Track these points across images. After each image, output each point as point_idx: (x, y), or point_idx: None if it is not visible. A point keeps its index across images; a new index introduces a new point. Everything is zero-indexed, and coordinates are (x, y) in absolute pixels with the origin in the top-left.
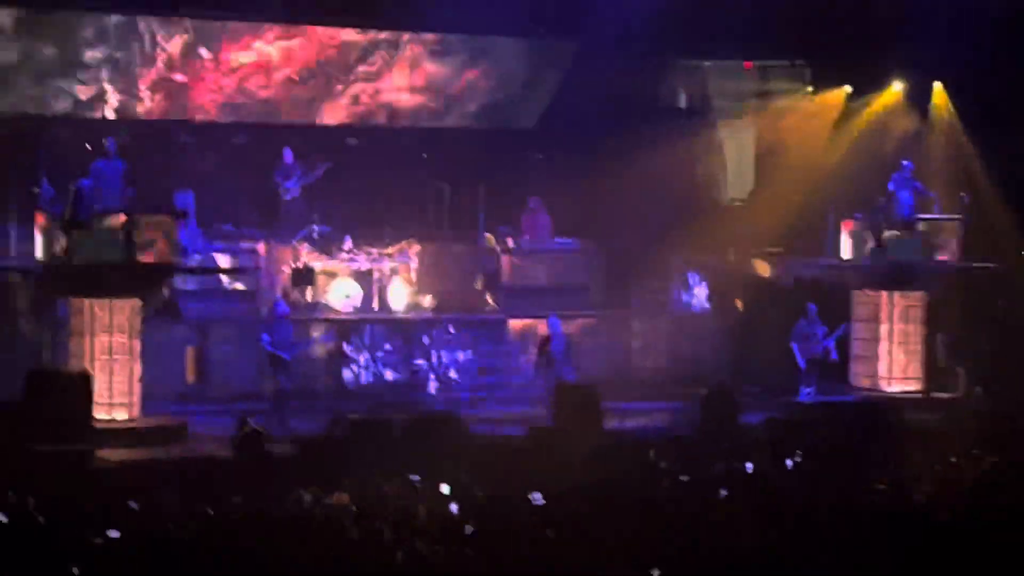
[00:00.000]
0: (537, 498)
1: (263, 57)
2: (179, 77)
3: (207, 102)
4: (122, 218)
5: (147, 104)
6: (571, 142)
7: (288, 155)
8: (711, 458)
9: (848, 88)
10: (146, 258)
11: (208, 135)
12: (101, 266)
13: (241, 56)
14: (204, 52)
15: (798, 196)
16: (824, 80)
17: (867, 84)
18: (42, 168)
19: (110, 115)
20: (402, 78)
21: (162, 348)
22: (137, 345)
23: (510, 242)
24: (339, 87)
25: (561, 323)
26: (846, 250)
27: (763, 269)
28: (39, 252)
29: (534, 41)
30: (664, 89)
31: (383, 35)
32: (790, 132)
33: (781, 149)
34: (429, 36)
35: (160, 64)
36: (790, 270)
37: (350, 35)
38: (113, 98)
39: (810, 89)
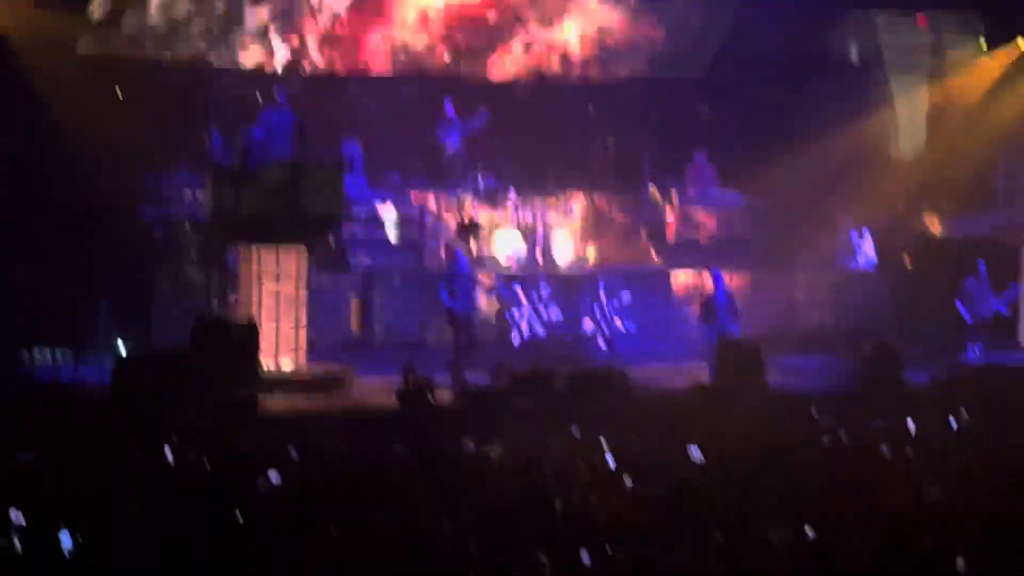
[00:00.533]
0: (696, 453)
1: (428, 8)
2: (346, 29)
3: (375, 53)
4: (291, 167)
5: (315, 55)
6: (739, 95)
7: (450, 108)
8: (873, 416)
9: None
10: (313, 207)
11: (375, 87)
12: (269, 214)
13: (407, 7)
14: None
15: (970, 153)
16: (998, 34)
17: None
18: (212, 117)
19: (278, 67)
20: (570, 27)
21: (328, 297)
22: (304, 294)
23: (675, 195)
24: (506, 36)
25: (724, 277)
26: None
27: (933, 226)
28: (209, 200)
29: None
30: (835, 42)
31: None
32: (963, 87)
33: (954, 105)
34: None
35: (327, 16)
36: (961, 227)
37: None
38: (281, 49)
39: (984, 43)
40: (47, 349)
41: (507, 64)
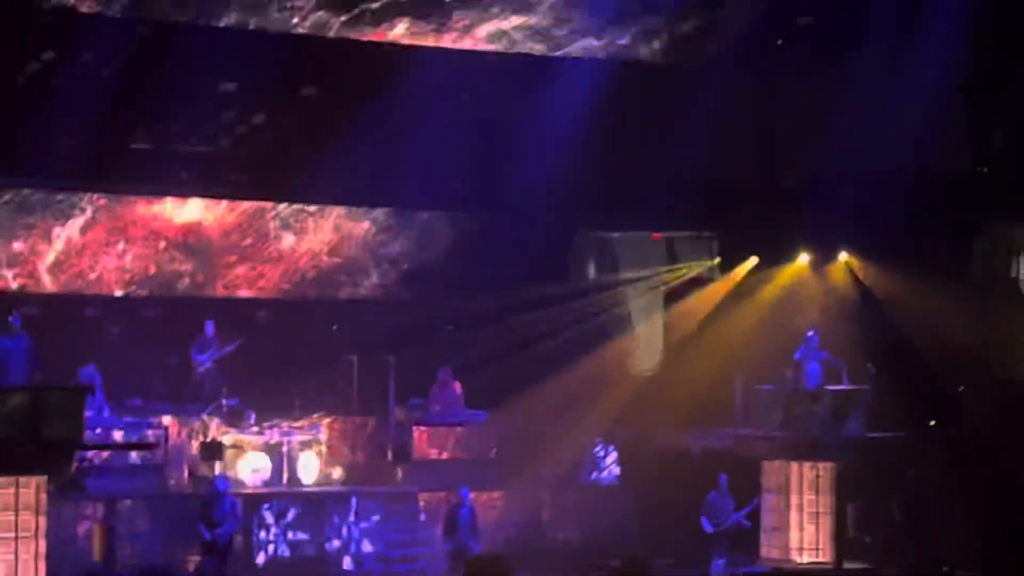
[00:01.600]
0: None
1: (172, 228)
2: (82, 252)
3: (113, 275)
4: (27, 394)
5: (49, 280)
6: (480, 313)
7: (210, 328)
8: None
9: (755, 259)
10: (52, 434)
11: (114, 308)
12: (7, 443)
13: (147, 228)
14: (107, 226)
15: (707, 367)
16: (731, 252)
17: (774, 255)
18: None
19: (12, 287)
20: (316, 245)
21: (68, 525)
22: (43, 522)
23: (419, 415)
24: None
25: (471, 494)
26: (755, 421)
27: (675, 439)
28: None
29: (445, 212)
30: (574, 259)
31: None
32: (698, 303)
33: (690, 320)
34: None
35: (60, 242)
36: (700, 441)
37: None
38: (11, 275)
39: (717, 260)
40: None
41: (251, 285)
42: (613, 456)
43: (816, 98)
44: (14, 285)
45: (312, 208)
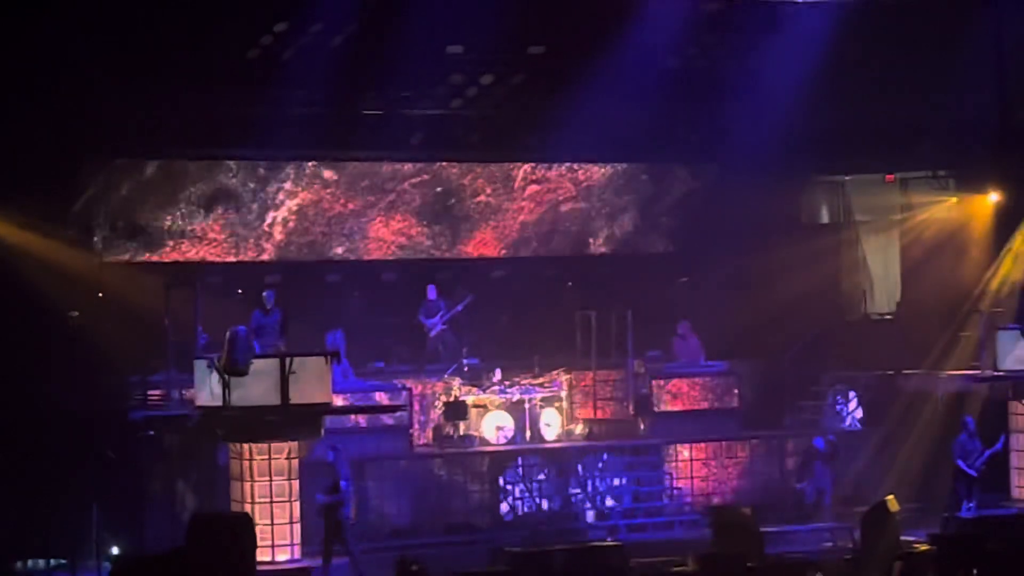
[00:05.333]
0: None
1: (400, 193)
2: (317, 219)
3: (353, 241)
4: (276, 362)
5: (292, 246)
6: (716, 263)
7: (432, 292)
8: None
9: (991, 197)
10: (301, 400)
11: (355, 273)
12: (258, 410)
13: (383, 191)
14: (343, 193)
15: (946, 307)
16: (968, 189)
17: (1010, 193)
18: (198, 315)
19: (262, 257)
20: (542, 205)
21: (319, 487)
22: (296, 486)
23: (660, 367)
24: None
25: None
26: (1001, 361)
27: (919, 383)
28: (197, 399)
29: (674, 165)
30: (805, 206)
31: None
32: (934, 243)
33: (926, 261)
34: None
35: (295, 205)
36: (942, 383)
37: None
38: (253, 244)
39: (954, 199)
40: (40, 559)
41: (489, 246)
42: (854, 401)
43: None
44: (257, 255)
45: (544, 165)
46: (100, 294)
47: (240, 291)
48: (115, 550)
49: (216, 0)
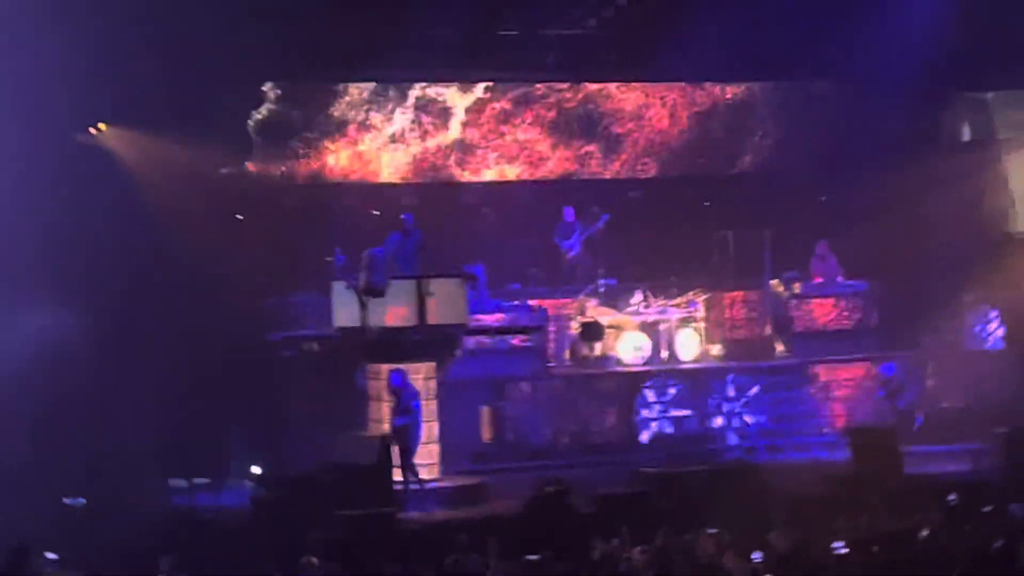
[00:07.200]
0: (839, 546)
1: (536, 115)
2: (463, 137)
3: (489, 162)
4: (414, 283)
5: (428, 168)
6: (855, 182)
7: (569, 214)
8: (1016, 501)
9: None
10: (438, 321)
11: (490, 195)
12: (396, 332)
13: (520, 112)
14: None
15: None
16: None
17: None
18: (335, 236)
19: (396, 179)
20: (679, 124)
21: (458, 408)
22: (434, 406)
23: (797, 287)
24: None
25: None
26: None
27: None
28: (335, 320)
29: (812, 83)
30: (947, 123)
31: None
32: None
33: None
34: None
35: (442, 127)
36: None
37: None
38: (389, 170)
39: None
40: (184, 479)
41: (622, 167)
42: (996, 320)
43: None
44: (392, 178)
45: (681, 84)
46: (239, 216)
47: (377, 212)
48: (255, 470)
49: None
